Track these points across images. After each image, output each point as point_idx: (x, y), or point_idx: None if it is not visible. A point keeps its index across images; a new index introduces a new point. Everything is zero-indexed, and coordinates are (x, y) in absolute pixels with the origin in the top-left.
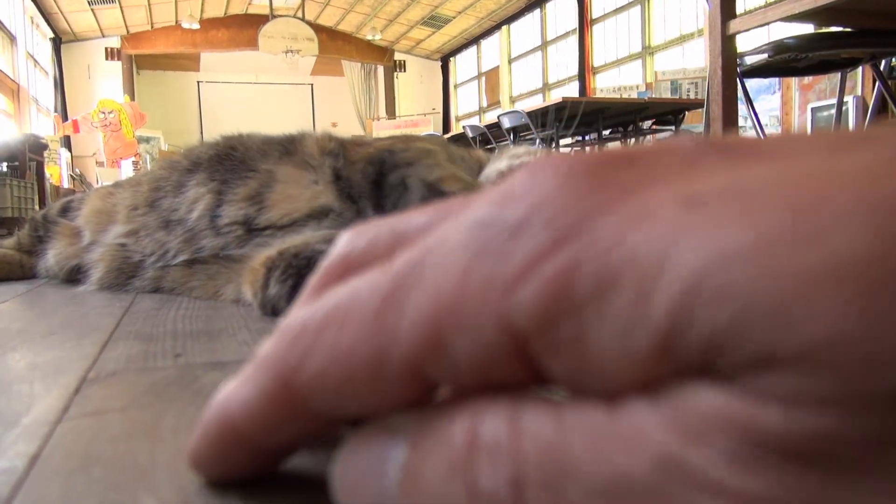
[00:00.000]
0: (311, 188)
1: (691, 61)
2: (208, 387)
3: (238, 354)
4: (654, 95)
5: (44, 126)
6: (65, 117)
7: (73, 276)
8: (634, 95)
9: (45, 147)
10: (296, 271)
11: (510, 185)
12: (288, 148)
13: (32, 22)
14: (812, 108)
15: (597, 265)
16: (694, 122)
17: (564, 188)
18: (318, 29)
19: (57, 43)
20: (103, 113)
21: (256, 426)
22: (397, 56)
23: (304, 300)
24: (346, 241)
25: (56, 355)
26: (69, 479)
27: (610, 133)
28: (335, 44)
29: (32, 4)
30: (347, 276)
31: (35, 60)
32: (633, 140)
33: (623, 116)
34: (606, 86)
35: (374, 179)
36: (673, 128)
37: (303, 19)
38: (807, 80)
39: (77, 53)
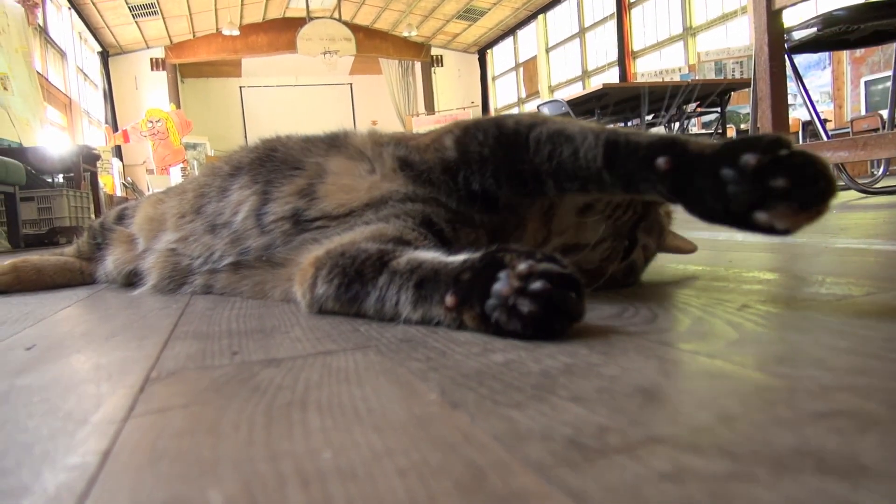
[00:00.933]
0: (368, 178)
1: (735, 40)
2: (265, 383)
3: (293, 351)
4: (697, 77)
5: (95, 137)
6: (115, 128)
7: (131, 280)
8: (677, 78)
9: (97, 157)
10: (341, 271)
11: None
12: (334, 142)
13: (81, 37)
14: (865, 82)
15: None
16: (740, 103)
17: None
18: (354, 28)
19: (105, 56)
20: (151, 122)
21: None
22: (434, 51)
23: None
24: None
25: (119, 356)
26: (139, 473)
27: (653, 118)
28: (372, 42)
29: (80, 20)
30: None
31: (85, 74)
32: (677, 124)
33: (666, 100)
34: (647, 70)
35: (501, 142)
36: (718, 109)
37: (339, 20)
38: (859, 52)
39: (124, 65)
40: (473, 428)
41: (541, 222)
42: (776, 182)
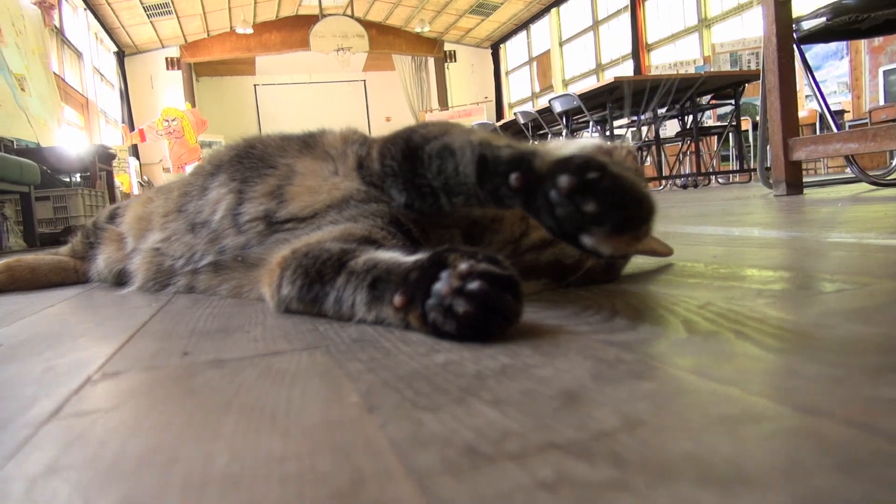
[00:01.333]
0: (331, 179)
1: (751, 30)
2: (201, 385)
3: (244, 351)
4: (712, 69)
5: (112, 136)
6: (131, 127)
7: (121, 279)
8: (692, 70)
9: (113, 157)
10: (303, 271)
11: None
12: (308, 142)
13: (97, 37)
14: (884, 72)
15: None
16: (755, 95)
17: None
18: (367, 25)
19: (121, 56)
20: (167, 121)
21: None
22: (447, 47)
23: None
24: None
25: (76, 357)
26: (34, 481)
27: (667, 111)
28: (385, 38)
29: (96, 21)
30: None
31: (101, 74)
32: (690, 116)
33: (679, 93)
34: (662, 62)
35: (406, 155)
36: (733, 101)
37: (352, 16)
38: (877, 42)
39: (140, 65)
40: (378, 433)
41: (518, 217)
42: (587, 206)
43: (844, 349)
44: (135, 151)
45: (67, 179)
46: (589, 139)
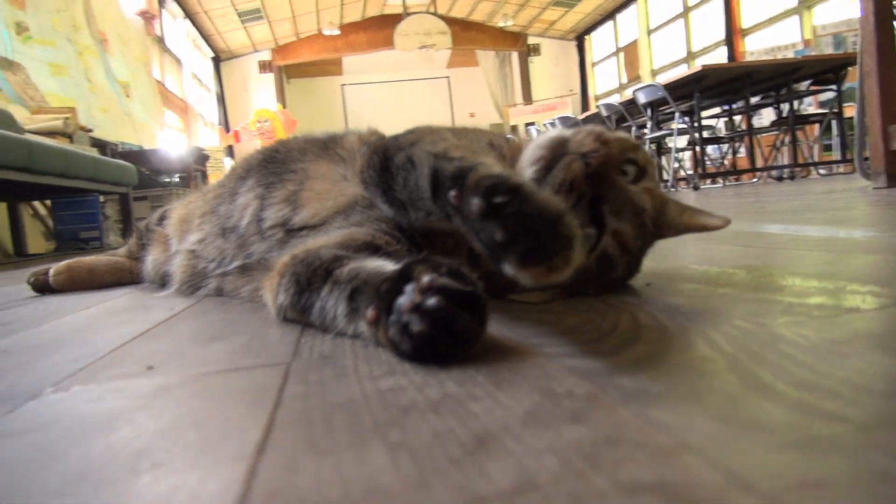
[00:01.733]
0: (339, 184)
1: (857, 11)
2: (132, 408)
3: (208, 366)
4: (813, 53)
5: (209, 138)
6: (227, 129)
7: (164, 280)
8: (791, 55)
9: (206, 158)
10: (296, 279)
11: None
12: (327, 145)
13: (195, 44)
14: None
15: None
16: None
17: None
18: (450, 22)
19: (217, 61)
20: (260, 122)
21: None
22: (531, 40)
23: None
24: None
25: (53, 368)
26: None
27: (762, 99)
28: (468, 34)
29: (194, 28)
30: None
31: (198, 79)
32: (787, 105)
33: (775, 79)
34: (758, 48)
35: (381, 166)
36: (835, 87)
37: (435, 14)
38: None
39: (234, 69)
40: (238, 487)
41: None
42: (495, 233)
43: (855, 387)
44: (230, 152)
45: (167, 180)
46: (552, 130)
